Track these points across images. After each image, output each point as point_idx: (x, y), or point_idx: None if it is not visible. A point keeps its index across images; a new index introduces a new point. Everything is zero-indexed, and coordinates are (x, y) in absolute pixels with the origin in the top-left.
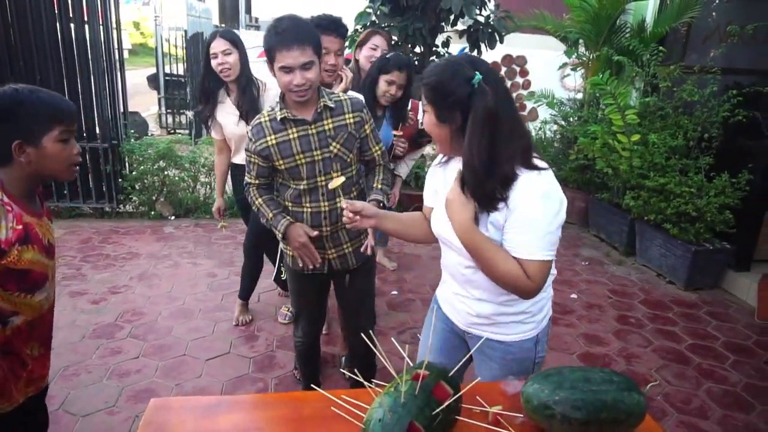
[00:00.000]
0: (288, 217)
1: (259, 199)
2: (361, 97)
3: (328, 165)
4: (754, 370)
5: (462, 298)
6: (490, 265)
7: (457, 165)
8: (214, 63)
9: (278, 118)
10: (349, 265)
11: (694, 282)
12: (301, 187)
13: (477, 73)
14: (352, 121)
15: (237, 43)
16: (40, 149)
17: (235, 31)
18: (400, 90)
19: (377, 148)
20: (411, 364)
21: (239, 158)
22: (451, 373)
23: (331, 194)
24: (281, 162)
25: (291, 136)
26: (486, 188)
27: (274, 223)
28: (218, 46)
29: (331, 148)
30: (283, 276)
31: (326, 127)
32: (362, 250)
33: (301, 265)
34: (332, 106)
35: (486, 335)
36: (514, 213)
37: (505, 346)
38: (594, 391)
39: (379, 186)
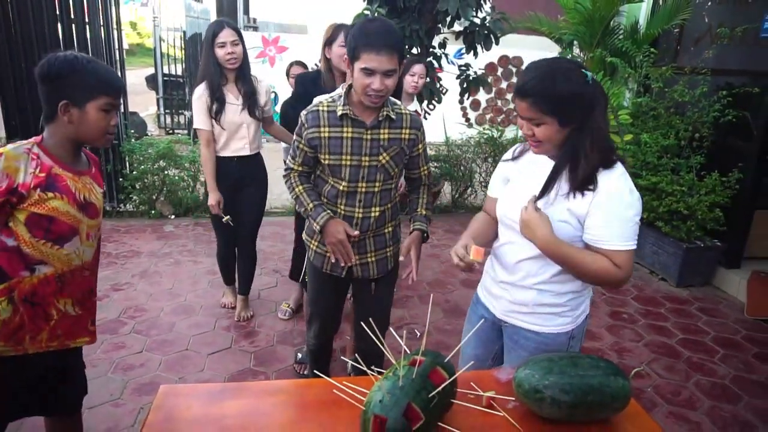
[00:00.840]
0: (328, 211)
1: (300, 187)
2: (422, 120)
3: (372, 173)
4: (742, 364)
5: (506, 285)
6: (581, 268)
7: (531, 159)
8: (221, 52)
9: (338, 113)
10: (370, 274)
11: (686, 279)
12: (340, 187)
13: (585, 70)
14: (407, 136)
15: (241, 34)
16: (83, 113)
17: None
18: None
19: (425, 168)
20: (408, 353)
21: (229, 150)
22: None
23: (368, 202)
24: (327, 157)
25: (345, 135)
26: (589, 170)
27: (313, 215)
28: (227, 35)
29: (381, 158)
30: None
31: (382, 137)
32: (406, 277)
33: (323, 262)
34: (393, 117)
35: (523, 325)
36: (603, 206)
37: (540, 338)
38: (581, 376)
39: (423, 212)
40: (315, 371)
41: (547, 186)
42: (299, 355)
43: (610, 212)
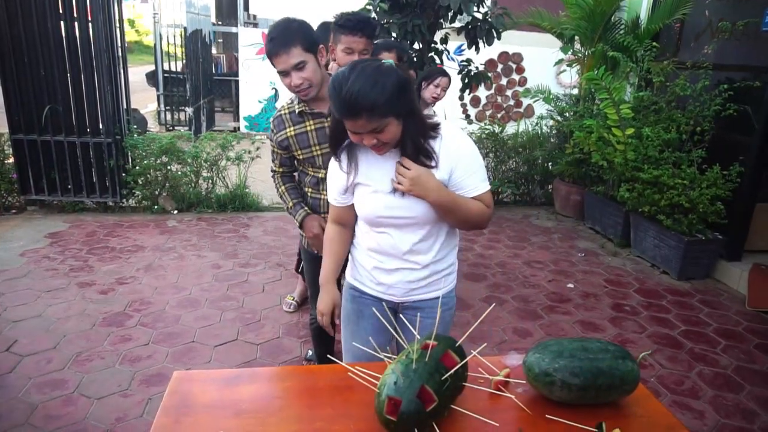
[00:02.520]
0: (305, 208)
1: (282, 187)
2: None
3: None
4: (744, 354)
5: (401, 271)
6: (466, 212)
7: (369, 161)
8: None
9: (297, 111)
10: None
11: (687, 272)
12: (320, 175)
13: (383, 60)
14: None
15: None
16: None
17: (234, 29)
18: None
19: None
20: (419, 337)
21: None
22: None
23: None
24: (299, 152)
25: (308, 128)
26: (425, 148)
27: (293, 213)
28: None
29: None
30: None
31: None
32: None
33: (316, 251)
34: None
35: (424, 296)
36: (457, 167)
37: (441, 301)
38: (591, 359)
39: None
40: (328, 356)
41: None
42: (310, 352)
43: (469, 164)
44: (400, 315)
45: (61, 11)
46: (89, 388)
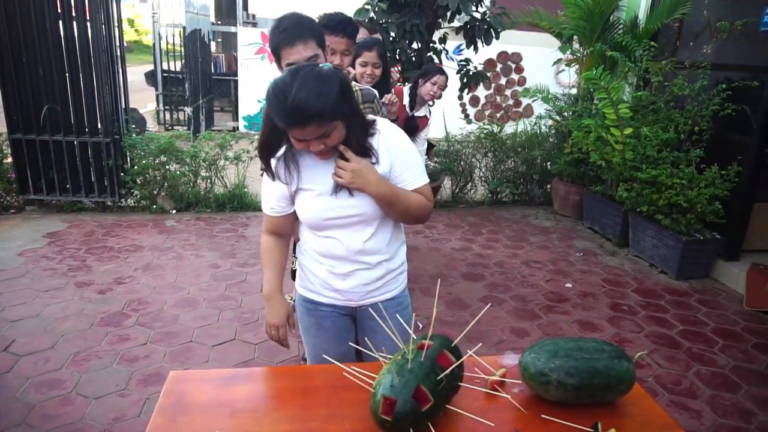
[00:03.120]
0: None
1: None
2: (375, 91)
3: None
4: (742, 354)
5: (356, 273)
6: (407, 204)
7: (308, 164)
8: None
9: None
10: None
11: (685, 272)
12: None
13: (321, 65)
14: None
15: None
16: None
17: (233, 28)
18: (377, 68)
19: None
20: (415, 337)
21: None
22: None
23: None
24: None
25: None
26: (366, 145)
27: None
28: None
29: None
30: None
31: None
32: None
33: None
34: None
35: (382, 297)
36: (397, 161)
37: (397, 301)
38: (586, 359)
39: None
40: (323, 355)
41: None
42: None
43: (407, 158)
44: (359, 320)
45: (59, 11)
46: (87, 388)
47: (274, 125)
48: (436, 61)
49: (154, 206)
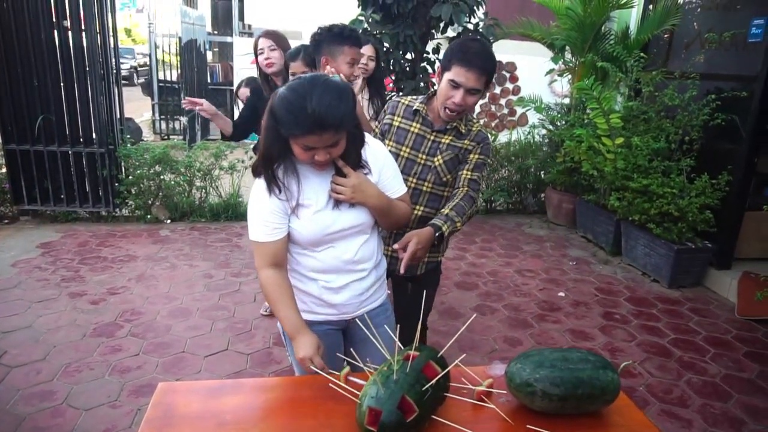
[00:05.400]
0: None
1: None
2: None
3: (425, 172)
4: (733, 362)
5: (350, 285)
6: (398, 212)
7: (309, 178)
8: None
9: (413, 108)
10: (395, 268)
11: (678, 280)
12: None
13: (333, 75)
14: (466, 146)
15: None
16: None
17: (229, 38)
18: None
19: (471, 173)
20: (402, 348)
21: None
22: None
23: (414, 198)
24: (390, 143)
25: (412, 128)
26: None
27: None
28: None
29: (435, 160)
30: None
31: (443, 141)
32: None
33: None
34: (462, 131)
35: (374, 305)
36: (384, 170)
37: (385, 307)
38: (571, 369)
39: (446, 211)
40: (311, 366)
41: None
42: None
43: (392, 166)
44: (350, 331)
45: (54, 20)
46: (78, 399)
47: (276, 135)
48: (430, 71)
49: (149, 216)
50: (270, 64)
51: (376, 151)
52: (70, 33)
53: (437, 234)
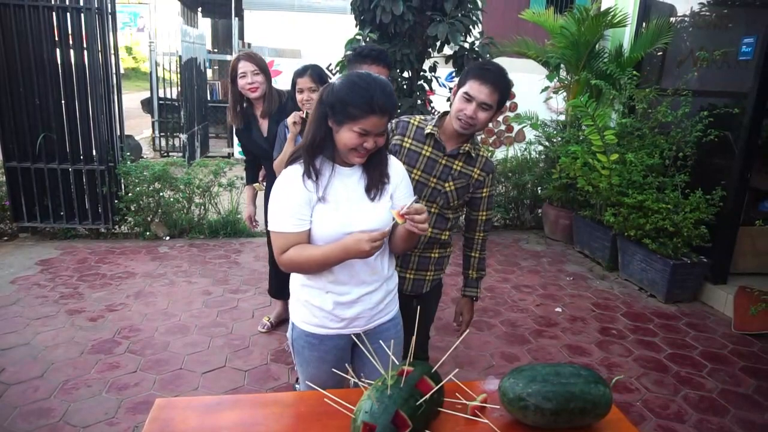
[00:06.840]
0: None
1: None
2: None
3: (434, 195)
4: (730, 377)
5: (363, 299)
6: (417, 237)
7: (338, 177)
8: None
9: (425, 131)
10: (403, 288)
11: (674, 295)
12: None
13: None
14: (476, 176)
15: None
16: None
17: (228, 57)
18: (313, 92)
19: (485, 213)
20: (396, 362)
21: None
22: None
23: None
24: None
25: (423, 152)
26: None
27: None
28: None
29: (446, 185)
30: None
31: (455, 166)
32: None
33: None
34: (473, 156)
35: (386, 318)
36: (400, 186)
37: (395, 321)
38: (563, 384)
39: (475, 275)
40: (307, 382)
41: (374, 185)
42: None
43: (407, 187)
44: (359, 345)
45: (57, 39)
46: (75, 417)
47: (323, 125)
48: (428, 88)
49: (148, 233)
50: (254, 89)
51: (395, 167)
52: (72, 51)
53: (474, 299)
